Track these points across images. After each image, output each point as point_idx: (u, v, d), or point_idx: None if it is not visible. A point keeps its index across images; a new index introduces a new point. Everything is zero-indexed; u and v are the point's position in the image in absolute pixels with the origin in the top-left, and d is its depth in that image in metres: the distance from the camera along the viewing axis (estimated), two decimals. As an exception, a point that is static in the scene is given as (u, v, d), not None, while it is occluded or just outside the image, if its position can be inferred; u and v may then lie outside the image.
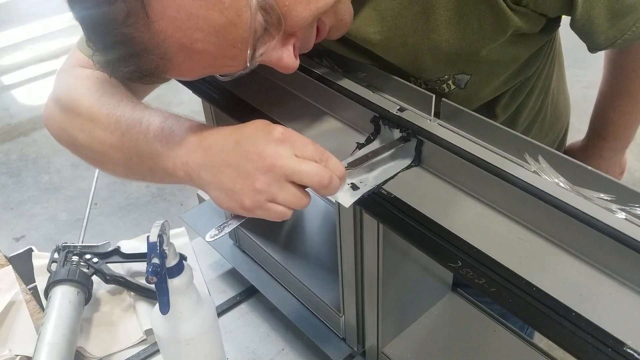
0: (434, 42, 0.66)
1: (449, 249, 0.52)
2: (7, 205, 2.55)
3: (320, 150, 0.57)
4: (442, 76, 0.71)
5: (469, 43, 0.65)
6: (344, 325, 0.77)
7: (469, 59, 0.68)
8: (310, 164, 0.55)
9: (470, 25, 0.64)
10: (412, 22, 0.65)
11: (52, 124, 0.73)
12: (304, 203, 0.57)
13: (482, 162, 0.56)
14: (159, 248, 0.61)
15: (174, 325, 0.69)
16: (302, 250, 0.87)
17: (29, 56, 3.66)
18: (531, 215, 0.53)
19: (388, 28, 0.66)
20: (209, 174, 0.58)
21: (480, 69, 0.71)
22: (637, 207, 0.48)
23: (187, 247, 1.02)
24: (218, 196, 0.58)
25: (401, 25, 0.65)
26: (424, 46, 0.67)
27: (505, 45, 0.68)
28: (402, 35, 0.66)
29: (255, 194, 0.55)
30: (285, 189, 0.56)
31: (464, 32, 0.64)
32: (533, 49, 0.74)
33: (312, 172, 0.55)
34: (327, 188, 0.56)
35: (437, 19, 0.64)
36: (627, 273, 0.47)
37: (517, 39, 0.68)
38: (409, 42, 0.67)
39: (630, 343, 0.42)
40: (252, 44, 0.54)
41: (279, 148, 0.55)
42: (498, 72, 0.73)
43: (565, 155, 0.52)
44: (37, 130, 3.02)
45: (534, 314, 0.46)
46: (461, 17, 0.63)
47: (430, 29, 0.65)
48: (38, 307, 0.92)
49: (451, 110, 0.60)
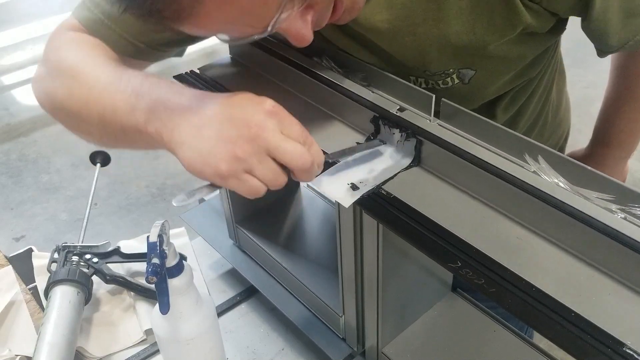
0: (442, 33, 0.65)
1: (449, 249, 0.52)
2: (7, 205, 2.55)
3: (306, 134, 0.55)
4: (447, 69, 0.71)
5: (478, 36, 0.65)
6: (344, 325, 0.77)
7: (475, 54, 0.68)
8: (295, 144, 0.54)
9: (481, 18, 0.63)
10: (422, 11, 0.64)
11: (36, 86, 0.71)
12: (280, 182, 0.55)
13: (482, 162, 0.56)
14: (159, 248, 0.61)
15: (174, 325, 0.69)
16: (302, 250, 0.87)
17: (29, 56, 3.66)
18: (531, 215, 0.53)
19: (397, 16, 0.65)
20: (185, 134, 0.54)
21: (486, 65, 0.70)
22: (637, 207, 0.48)
23: (187, 247, 1.02)
24: (190, 158, 0.54)
25: (410, 14, 0.65)
26: (432, 37, 0.66)
27: (513, 43, 0.67)
28: (410, 25, 0.65)
29: (233, 161, 0.52)
30: (264, 163, 0.53)
31: (473, 25, 0.64)
32: (539, 49, 0.73)
33: (296, 152, 0.53)
34: (307, 172, 0.55)
35: (449, 9, 0.63)
36: (626, 273, 0.47)
37: (525, 37, 0.68)
38: (417, 32, 0.66)
39: (630, 343, 0.42)
40: (282, 5, 0.53)
41: (267, 120, 0.53)
42: (503, 69, 0.73)
43: (565, 156, 0.52)
44: (37, 130, 3.02)
45: (534, 314, 0.46)
46: (473, 9, 0.63)
47: (440, 19, 0.64)
48: (38, 307, 0.92)
49: (451, 110, 0.60)
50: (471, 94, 0.74)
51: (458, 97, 0.58)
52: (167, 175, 2.68)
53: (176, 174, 2.68)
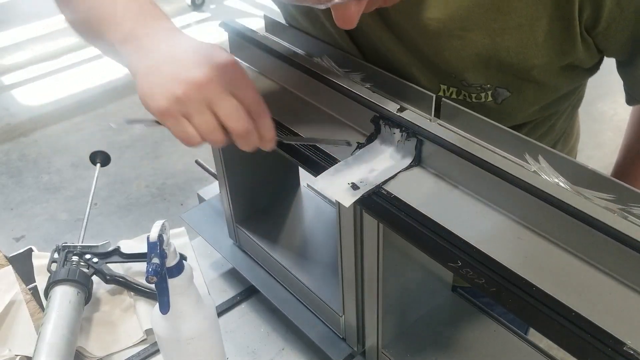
0: (493, 45, 0.62)
1: (449, 249, 0.52)
2: (7, 205, 2.55)
3: (258, 102, 0.55)
4: (485, 84, 0.67)
5: (527, 57, 0.63)
6: (344, 325, 0.77)
7: (517, 75, 0.65)
8: (236, 106, 0.54)
9: (536, 38, 0.61)
10: (479, 19, 0.61)
11: None
12: (215, 139, 0.55)
13: (482, 161, 0.56)
14: (159, 248, 0.62)
15: (174, 325, 0.69)
16: (302, 250, 0.87)
17: (29, 56, 3.66)
18: (531, 215, 0.53)
19: (450, 17, 0.62)
20: (147, 66, 0.56)
21: (523, 89, 0.68)
22: (637, 207, 0.48)
23: (187, 247, 1.02)
24: (142, 89, 0.56)
25: (467, 18, 0.61)
26: (481, 46, 0.63)
27: (556, 72, 0.66)
28: (462, 29, 0.62)
29: (174, 101, 0.53)
30: (203, 114, 0.54)
31: (527, 44, 0.62)
32: (574, 84, 0.72)
33: (233, 114, 0.54)
34: (243, 139, 0.55)
35: (508, 22, 0.61)
36: (627, 273, 0.47)
37: (568, 69, 0.66)
38: (467, 38, 0.63)
39: (630, 343, 0.42)
40: None
41: (220, 74, 0.53)
42: (536, 98, 0.70)
43: (566, 155, 0.52)
44: (37, 130, 3.02)
45: (534, 313, 0.46)
46: (531, 27, 0.60)
47: (496, 30, 0.61)
48: (38, 307, 0.92)
49: (451, 110, 0.60)
50: (499, 116, 0.71)
51: (485, 115, 0.58)
52: (167, 175, 2.68)
53: (176, 174, 2.68)
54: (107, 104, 3.19)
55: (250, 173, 0.89)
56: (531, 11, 0.59)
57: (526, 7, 0.59)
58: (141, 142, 2.88)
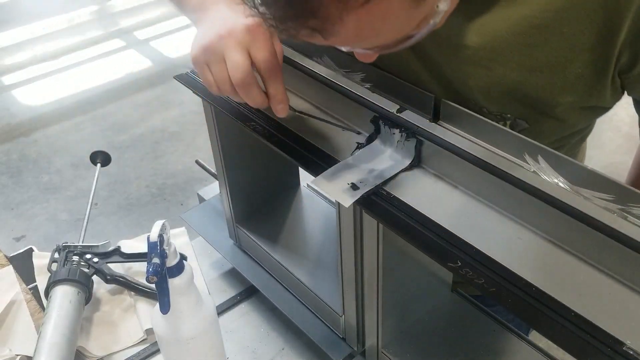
0: (521, 79, 0.61)
1: (449, 249, 0.52)
2: (7, 205, 2.55)
3: (271, 63, 0.60)
4: (506, 114, 0.66)
5: (554, 95, 0.61)
6: (344, 325, 0.77)
7: (539, 109, 0.64)
8: (242, 59, 0.59)
9: (566, 79, 0.60)
10: (511, 52, 0.60)
11: None
12: (225, 88, 0.61)
13: (482, 162, 0.56)
14: (160, 248, 0.62)
15: (174, 325, 0.69)
16: (302, 250, 0.87)
17: (29, 56, 3.66)
18: (531, 215, 0.53)
19: (481, 47, 0.61)
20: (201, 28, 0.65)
21: (541, 123, 0.66)
22: (637, 207, 0.48)
23: (187, 247, 1.02)
24: (192, 44, 0.64)
25: (496, 50, 0.60)
26: (508, 79, 0.62)
27: (577, 110, 0.64)
28: (491, 60, 0.61)
29: (201, 51, 0.62)
30: (219, 63, 0.60)
31: (555, 83, 0.60)
32: (591, 121, 0.71)
33: (236, 66, 0.59)
34: (242, 90, 0.61)
35: (539, 60, 0.59)
36: (627, 273, 0.47)
37: (589, 109, 0.65)
38: (495, 69, 0.61)
39: (630, 343, 0.42)
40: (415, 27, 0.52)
41: (241, 32, 0.59)
42: (552, 132, 0.69)
43: (565, 156, 0.52)
44: (38, 130, 3.02)
45: (534, 313, 0.46)
46: (563, 68, 0.59)
47: (526, 66, 0.60)
48: (38, 307, 0.92)
49: (451, 111, 0.60)
50: None
51: None
52: (167, 175, 2.68)
53: (176, 174, 2.68)
54: (107, 104, 3.19)
55: (250, 173, 0.89)
56: (566, 52, 0.58)
57: (561, 48, 0.58)
58: (141, 142, 2.88)
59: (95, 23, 3.95)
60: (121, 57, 3.68)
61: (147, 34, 3.92)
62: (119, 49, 3.76)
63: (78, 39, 3.79)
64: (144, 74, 3.47)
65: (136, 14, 4.07)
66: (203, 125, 0.91)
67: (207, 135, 0.84)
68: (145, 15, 4.08)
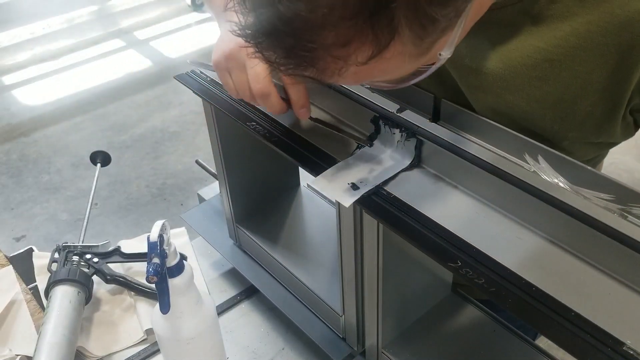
0: (530, 111, 0.60)
1: (449, 248, 0.52)
2: (8, 205, 2.55)
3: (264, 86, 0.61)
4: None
5: (562, 129, 0.60)
6: (344, 325, 0.77)
7: (547, 141, 0.61)
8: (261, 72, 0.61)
9: (576, 114, 0.59)
10: (521, 83, 0.59)
11: None
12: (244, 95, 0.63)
13: (482, 162, 0.56)
14: (160, 248, 0.62)
15: (174, 325, 0.69)
16: (302, 250, 0.87)
17: (29, 56, 3.66)
18: (531, 215, 0.53)
19: (491, 73, 0.60)
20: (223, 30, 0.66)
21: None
22: (637, 207, 0.48)
23: (187, 247, 1.02)
24: (215, 45, 0.66)
25: (507, 78, 0.59)
26: (517, 110, 0.61)
27: (586, 145, 0.63)
28: (501, 88, 0.60)
29: (223, 57, 0.64)
30: (240, 71, 0.63)
31: (564, 118, 0.59)
32: (599, 152, 0.70)
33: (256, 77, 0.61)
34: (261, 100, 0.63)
35: (549, 94, 0.58)
36: (627, 273, 0.47)
37: (597, 144, 0.64)
38: (504, 97, 0.60)
39: (630, 343, 0.42)
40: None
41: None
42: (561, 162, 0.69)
43: (565, 156, 0.52)
44: (38, 130, 3.02)
45: (534, 313, 0.46)
46: (573, 103, 0.58)
47: (536, 98, 0.59)
48: (38, 307, 0.92)
49: (451, 110, 0.60)
50: None
51: None
52: (167, 175, 2.68)
53: (176, 174, 2.68)
54: (107, 104, 3.19)
55: (250, 173, 0.89)
56: (576, 89, 0.57)
57: (572, 85, 0.57)
58: (141, 142, 2.88)
59: (95, 23, 3.95)
60: (121, 57, 3.68)
61: (147, 34, 3.93)
62: (119, 49, 3.76)
63: (78, 39, 3.80)
64: (144, 74, 3.47)
65: (136, 14, 4.07)
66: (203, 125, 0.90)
67: (207, 135, 0.84)
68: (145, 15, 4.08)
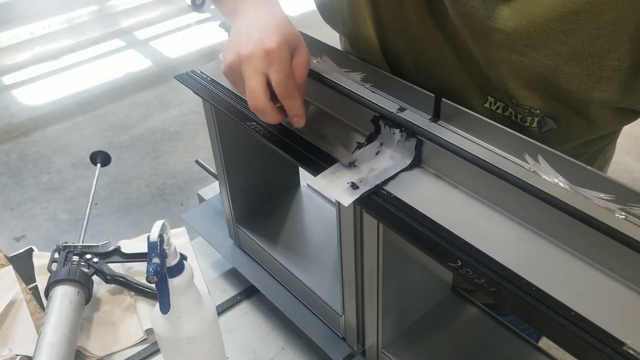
0: (556, 69, 0.58)
1: (449, 248, 0.52)
2: (7, 205, 2.55)
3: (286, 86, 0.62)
4: (535, 109, 0.63)
5: (588, 89, 0.59)
6: (344, 325, 0.77)
7: (571, 106, 0.62)
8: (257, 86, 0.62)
9: (602, 70, 0.57)
10: (547, 38, 0.57)
11: None
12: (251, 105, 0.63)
13: (482, 162, 0.56)
14: (160, 247, 0.62)
15: (174, 325, 0.69)
16: (302, 250, 0.87)
17: (29, 56, 3.66)
18: (531, 215, 0.53)
19: (517, 31, 0.59)
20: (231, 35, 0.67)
21: (571, 123, 0.64)
22: (637, 207, 0.48)
23: (187, 247, 1.02)
24: (227, 44, 0.67)
25: (533, 35, 0.58)
26: (542, 68, 0.59)
27: (610, 111, 0.62)
28: (526, 45, 0.59)
29: (227, 67, 0.64)
30: (241, 82, 0.64)
31: (591, 74, 0.58)
32: (620, 125, 0.69)
33: (253, 92, 0.62)
34: (258, 113, 0.64)
35: (576, 48, 0.57)
36: (626, 273, 0.47)
37: (621, 111, 0.62)
38: (529, 56, 0.59)
39: (630, 342, 0.42)
40: None
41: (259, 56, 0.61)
42: (582, 134, 0.66)
43: (565, 155, 0.52)
44: (38, 130, 3.02)
45: (534, 313, 0.46)
46: (600, 58, 0.57)
47: (562, 54, 0.58)
48: (38, 307, 0.92)
49: (451, 110, 0.60)
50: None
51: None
52: (167, 175, 2.68)
53: (176, 174, 2.68)
54: (107, 104, 3.19)
55: (250, 173, 0.89)
56: (604, 42, 0.56)
57: (599, 36, 0.56)
58: (141, 142, 2.88)
59: (95, 23, 3.95)
60: (121, 57, 3.68)
61: (147, 34, 3.92)
62: (119, 49, 3.76)
63: (78, 39, 3.80)
64: (144, 74, 3.47)
65: (136, 14, 4.07)
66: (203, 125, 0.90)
67: (207, 135, 0.84)
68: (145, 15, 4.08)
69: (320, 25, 0.80)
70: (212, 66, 0.81)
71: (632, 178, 2.58)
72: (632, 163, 2.67)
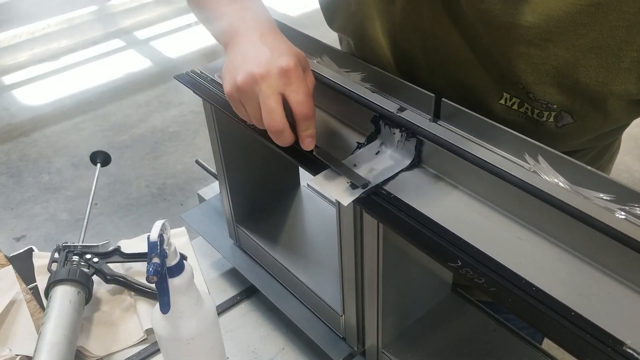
0: (575, 62, 0.58)
1: (449, 248, 0.52)
2: (7, 205, 2.55)
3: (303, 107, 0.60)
4: (552, 104, 0.62)
5: (606, 81, 0.59)
6: (344, 325, 0.77)
7: (589, 101, 0.61)
8: (275, 107, 0.60)
9: (621, 62, 0.57)
10: (566, 31, 0.57)
11: None
12: (259, 125, 0.62)
13: (482, 162, 0.56)
14: (160, 247, 0.62)
15: (174, 325, 0.69)
16: (302, 250, 0.87)
17: (29, 56, 3.66)
18: (531, 215, 0.53)
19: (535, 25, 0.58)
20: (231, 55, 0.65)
21: (587, 118, 0.63)
22: (637, 207, 0.48)
23: (187, 247, 1.02)
24: (223, 72, 0.65)
25: (551, 29, 0.58)
26: (561, 62, 0.59)
27: (626, 104, 0.62)
28: (545, 39, 0.59)
29: (234, 88, 0.62)
30: (252, 104, 0.61)
31: (609, 67, 0.58)
32: (634, 118, 0.68)
33: (271, 113, 0.60)
34: (274, 135, 0.62)
35: (595, 41, 0.57)
36: (626, 273, 0.47)
37: (638, 103, 0.62)
38: (548, 49, 0.59)
39: (630, 342, 0.42)
40: None
41: (275, 76, 0.60)
42: (597, 128, 0.66)
43: (565, 155, 0.52)
44: (38, 131, 3.02)
45: (534, 313, 0.46)
46: (619, 50, 0.57)
47: (581, 47, 0.57)
48: (38, 307, 0.92)
49: (451, 110, 0.60)
50: (553, 140, 0.66)
51: (541, 134, 0.55)
52: (167, 175, 2.68)
53: (176, 174, 2.68)
54: (107, 104, 3.19)
55: (250, 173, 0.89)
56: (623, 33, 0.56)
57: (619, 28, 0.56)
58: (141, 142, 2.88)
59: (95, 23, 3.95)
60: (121, 57, 3.68)
61: (147, 34, 3.92)
62: (119, 49, 3.76)
63: (78, 39, 3.80)
64: (144, 74, 3.47)
65: (136, 14, 4.07)
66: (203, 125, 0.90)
67: (207, 135, 0.84)
68: (145, 15, 4.08)
69: (320, 25, 0.80)
70: (212, 66, 0.81)
71: (632, 178, 2.58)
72: (632, 163, 2.67)
